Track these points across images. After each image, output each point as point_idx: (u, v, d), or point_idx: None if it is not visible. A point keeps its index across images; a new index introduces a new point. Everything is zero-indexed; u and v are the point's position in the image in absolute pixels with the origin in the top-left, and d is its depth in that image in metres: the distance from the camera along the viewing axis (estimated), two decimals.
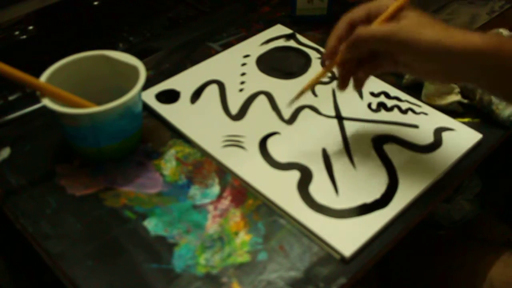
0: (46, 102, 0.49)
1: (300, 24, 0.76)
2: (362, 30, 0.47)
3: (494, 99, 0.59)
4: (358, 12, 0.49)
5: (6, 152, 0.56)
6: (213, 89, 0.64)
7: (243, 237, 0.48)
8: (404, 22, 0.46)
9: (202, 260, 0.46)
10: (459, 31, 0.45)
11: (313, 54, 0.69)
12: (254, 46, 0.71)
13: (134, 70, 0.53)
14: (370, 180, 0.52)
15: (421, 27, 0.45)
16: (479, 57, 0.44)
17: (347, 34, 0.49)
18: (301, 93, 0.54)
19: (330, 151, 0.56)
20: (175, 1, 0.80)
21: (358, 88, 0.52)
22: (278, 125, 0.59)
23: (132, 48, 0.70)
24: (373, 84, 0.64)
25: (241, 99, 0.62)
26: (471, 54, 0.44)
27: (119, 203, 0.50)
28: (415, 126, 0.59)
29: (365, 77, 0.51)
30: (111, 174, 0.53)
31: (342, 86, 0.52)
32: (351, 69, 0.51)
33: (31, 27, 0.70)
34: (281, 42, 0.72)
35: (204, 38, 0.73)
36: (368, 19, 0.48)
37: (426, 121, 0.60)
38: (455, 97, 0.61)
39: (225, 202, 0.51)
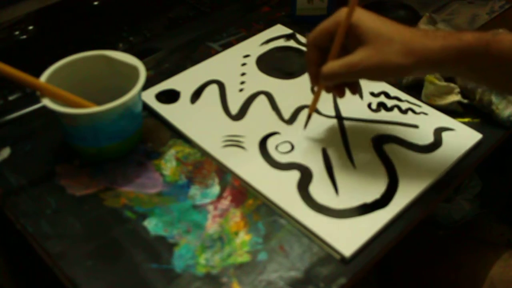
0: (46, 102, 0.49)
1: (300, 24, 0.76)
2: (325, 70, 0.48)
3: (494, 99, 0.59)
4: (320, 34, 0.49)
5: (6, 152, 0.56)
6: (213, 89, 0.64)
7: (243, 237, 0.48)
8: (363, 48, 0.46)
9: (202, 260, 0.46)
10: (415, 34, 0.46)
11: None
12: (254, 46, 0.71)
13: (134, 70, 0.53)
14: (370, 180, 0.52)
15: (381, 46, 0.45)
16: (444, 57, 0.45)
17: (319, 58, 0.50)
18: (309, 118, 0.56)
19: (330, 151, 0.56)
20: (175, 1, 0.80)
21: (354, 93, 0.53)
22: (278, 125, 0.59)
23: (132, 48, 0.70)
24: (373, 84, 0.64)
25: (241, 99, 0.62)
26: (436, 59, 0.45)
27: (119, 203, 0.50)
28: (415, 126, 0.59)
29: (356, 85, 0.52)
30: (111, 174, 0.53)
31: (340, 95, 0.53)
32: (339, 85, 0.52)
33: (31, 27, 0.70)
34: (281, 42, 0.72)
35: (204, 38, 0.73)
36: (331, 38, 0.49)
37: (426, 121, 0.60)
38: (455, 97, 0.61)
39: (225, 202, 0.51)
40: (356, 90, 0.52)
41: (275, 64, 0.68)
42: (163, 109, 0.60)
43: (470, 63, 0.45)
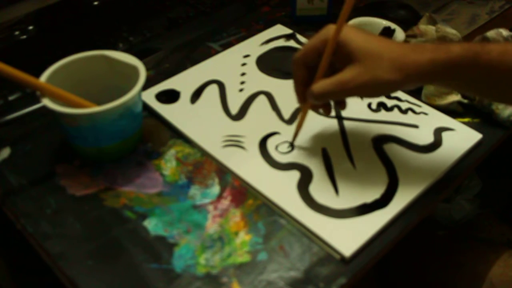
0: (46, 102, 0.49)
1: (300, 24, 0.76)
2: (315, 89, 0.48)
3: None
4: (308, 52, 0.49)
5: (6, 152, 0.56)
6: (213, 89, 0.64)
7: (243, 237, 0.48)
8: (353, 65, 0.46)
9: (202, 260, 0.46)
10: (404, 49, 0.46)
11: None
12: (254, 46, 0.71)
13: (134, 70, 0.53)
14: (370, 180, 0.52)
15: (371, 63, 0.45)
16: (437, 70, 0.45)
17: (306, 77, 0.50)
18: (296, 135, 0.56)
19: (330, 151, 0.56)
20: (175, 1, 0.80)
21: (343, 109, 0.53)
22: (278, 125, 0.59)
23: (132, 48, 0.70)
24: None
25: (241, 99, 0.62)
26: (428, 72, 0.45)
27: (119, 203, 0.50)
28: (415, 126, 0.59)
29: (344, 102, 0.52)
30: (111, 174, 0.53)
31: (326, 113, 0.53)
32: (326, 104, 0.52)
33: (31, 27, 0.70)
34: (281, 42, 0.72)
35: (204, 38, 0.73)
36: (320, 55, 0.48)
37: (426, 121, 0.60)
38: (455, 97, 0.61)
39: (225, 202, 0.51)
40: (345, 106, 0.52)
41: (275, 64, 0.68)
42: (163, 109, 0.60)
43: (460, 75, 0.45)
